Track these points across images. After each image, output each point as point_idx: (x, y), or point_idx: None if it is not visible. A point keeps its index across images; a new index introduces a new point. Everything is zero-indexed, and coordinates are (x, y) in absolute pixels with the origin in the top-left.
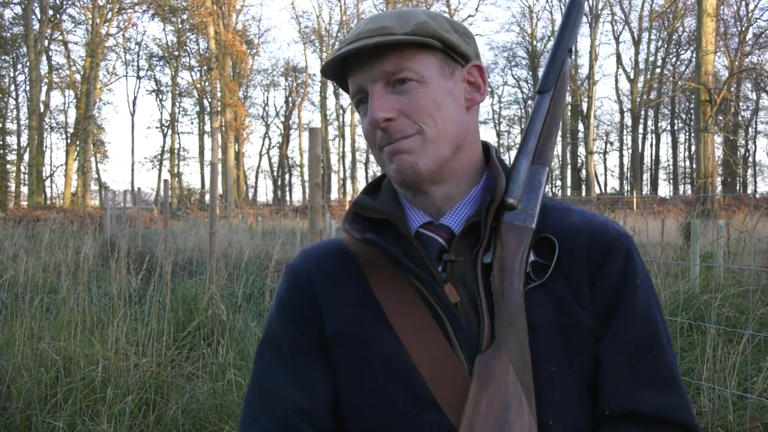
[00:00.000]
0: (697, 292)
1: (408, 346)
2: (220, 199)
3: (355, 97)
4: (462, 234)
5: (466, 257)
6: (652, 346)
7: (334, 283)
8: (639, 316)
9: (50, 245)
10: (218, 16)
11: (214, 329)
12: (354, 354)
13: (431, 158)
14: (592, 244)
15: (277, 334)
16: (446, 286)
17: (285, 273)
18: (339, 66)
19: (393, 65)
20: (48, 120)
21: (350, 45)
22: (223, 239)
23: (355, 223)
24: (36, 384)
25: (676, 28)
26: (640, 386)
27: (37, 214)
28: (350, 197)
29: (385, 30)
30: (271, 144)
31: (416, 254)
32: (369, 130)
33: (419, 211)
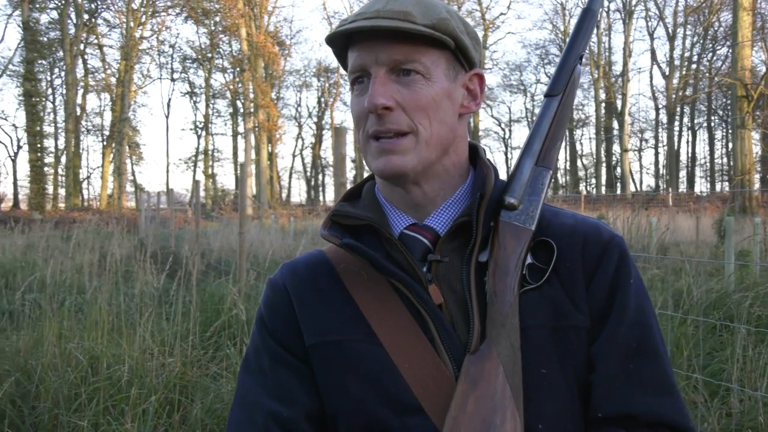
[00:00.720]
0: (731, 291)
1: (390, 351)
2: (254, 200)
3: (352, 74)
4: (449, 234)
5: (453, 257)
6: (646, 348)
7: (312, 293)
8: (632, 318)
9: (84, 246)
10: (250, 17)
11: (239, 329)
12: (335, 362)
13: (418, 159)
14: (586, 246)
15: (258, 348)
16: (430, 287)
17: (266, 287)
18: (345, 36)
19: (403, 54)
20: (84, 123)
21: (367, 20)
22: (255, 240)
23: (334, 230)
24: (63, 383)
25: (712, 23)
26: (633, 388)
27: (74, 215)
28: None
29: (408, 16)
30: (304, 144)
31: (400, 256)
32: (360, 111)
33: (402, 214)
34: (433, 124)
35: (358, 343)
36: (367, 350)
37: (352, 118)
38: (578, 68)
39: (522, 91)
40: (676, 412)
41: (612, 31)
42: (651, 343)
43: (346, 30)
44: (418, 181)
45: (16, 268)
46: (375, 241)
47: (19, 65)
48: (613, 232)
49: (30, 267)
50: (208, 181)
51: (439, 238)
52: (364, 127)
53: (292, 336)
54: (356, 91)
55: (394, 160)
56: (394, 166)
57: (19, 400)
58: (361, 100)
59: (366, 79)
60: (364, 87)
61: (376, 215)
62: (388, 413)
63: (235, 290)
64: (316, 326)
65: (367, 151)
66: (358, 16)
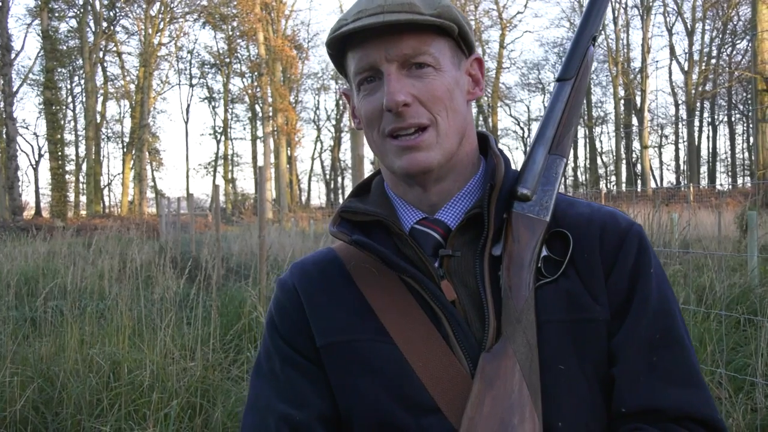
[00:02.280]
0: (755, 285)
1: (404, 350)
2: (274, 204)
3: (360, 74)
4: (460, 228)
5: (465, 251)
6: (669, 339)
7: (323, 293)
8: (654, 308)
9: (105, 252)
10: (267, 21)
11: (259, 332)
12: (347, 362)
13: (443, 153)
14: (604, 236)
15: (269, 350)
16: (443, 283)
17: (276, 289)
18: (342, 38)
19: (411, 47)
20: (104, 130)
21: (374, 17)
22: (275, 243)
23: (343, 227)
24: (85, 389)
25: (731, 16)
26: (658, 381)
27: (95, 222)
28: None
29: (413, 7)
30: (323, 147)
31: (411, 252)
32: (373, 112)
33: (412, 208)
34: (450, 115)
35: (371, 342)
36: (380, 349)
37: (362, 120)
38: (591, 50)
39: (540, 90)
40: (703, 404)
41: (630, 28)
42: (675, 333)
43: (355, 28)
44: (441, 176)
45: (38, 275)
46: (385, 237)
47: (39, 74)
48: (631, 220)
49: (52, 274)
50: (228, 186)
51: (451, 232)
52: (378, 127)
53: (303, 338)
54: (365, 92)
55: (420, 157)
56: (420, 163)
57: (42, 407)
58: (372, 100)
59: (376, 78)
60: (375, 86)
61: (386, 210)
62: (403, 413)
63: (255, 293)
64: (327, 327)
65: (386, 150)
66: (360, 14)
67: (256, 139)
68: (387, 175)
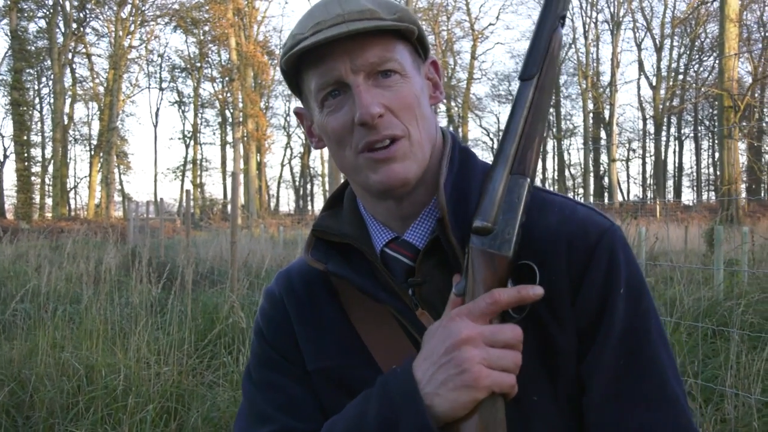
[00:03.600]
0: (721, 299)
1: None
2: (242, 209)
3: (323, 90)
4: (425, 252)
5: (435, 276)
6: (638, 360)
7: (310, 311)
8: (619, 332)
9: (73, 256)
10: (239, 27)
11: (235, 338)
12: (333, 387)
13: (418, 163)
14: (571, 254)
15: (262, 361)
16: (418, 313)
17: (264, 299)
18: (298, 56)
19: (377, 55)
20: (72, 132)
21: (336, 27)
22: (245, 249)
23: (317, 251)
24: (58, 393)
25: (699, 34)
26: (625, 408)
27: (61, 225)
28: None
29: (373, 14)
30: (293, 154)
31: (385, 279)
32: (344, 128)
33: (382, 227)
34: (420, 123)
35: (357, 369)
36: (367, 376)
37: (328, 138)
38: (559, 32)
39: (510, 101)
40: (671, 424)
41: (600, 42)
42: (646, 352)
43: (319, 41)
44: (415, 187)
45: (5, 278)
46: (361, 259)
47: (6, 74)
48: (604, 226)
49: (20, 277)
50: (197, 191)
51: (419, 254)
52: (350, 143)
53: (296, 351)
54: (329, 108)
55: (396, 168)
56: (397, 174)
57: (14, 410)
58: (340, 116)
59: (341, 91)
60: (340, 101)
61: (358, 230)
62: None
63: (233, 298)
64: (314, 349)
65: (359, 167)
66: (319, 26)
67: (225, 144)
68: (358, 191)
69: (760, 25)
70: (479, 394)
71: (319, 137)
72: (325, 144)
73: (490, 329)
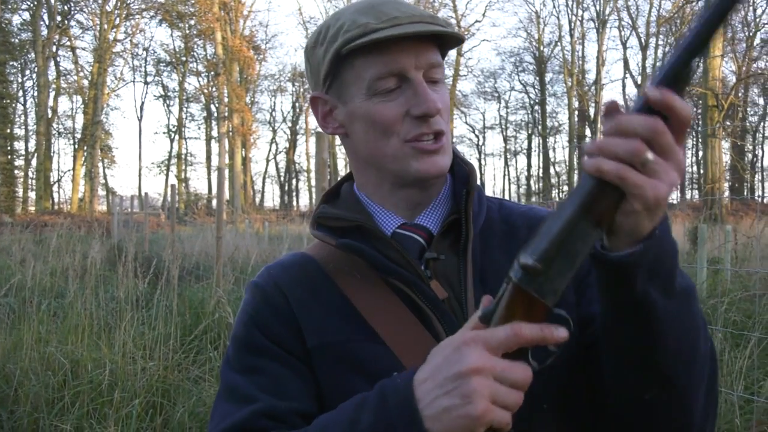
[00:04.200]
0: (704, 297)
1: (395, 350)
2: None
3: (382, 79)
4: (441, 233)
5: (448, 255)
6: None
7: (308, 295)
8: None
9: (57, 250)
10: (225, 21)
11: (220, 333)
12: (340, 363)
13: (449, 159)
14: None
15: (245, 347)
16: (432, 283)
17: (251, 291)
18: (365, 43)
19: (434, 58)
20: (56, 125)
21: (417, 25)
22: (230, 244)
23: (324, 231)
24: (43, 387)
25: (684, 33)
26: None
27: (45, 219)
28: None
29: (437, 20)
30: (278, 149)
31: (396, 255)
32: (395, 117)
33: (391, 213)
34: (449, 125)
35: (362, 343)
36: (372, 350)
37: (372, 124)
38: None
39: (496, 98)
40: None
41: (586, 40)
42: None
43: (405, 33)
44: (441, 179)
45: None
46: (365, 241)
47: None
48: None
49: (4, 271)
50: (181, 186)
51: (433, 237)
52: (397, 132)
53: (292, 335)
54: (383, 96)
55: (440, 161)
56: (439, 166)
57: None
58: (393, 105)
59: (398, 84)
60: (398, 92)
61: (363, 216)
62: None
63: (221, 292)
64: (316, 327)
65: (403, 155)
66: (396, 20)
67: (210, 139)
68: (372, 180)
69: (744, 25)
70: (478, 428)
71: (341, 124)
72: (344, 131)
73: (503, 365)
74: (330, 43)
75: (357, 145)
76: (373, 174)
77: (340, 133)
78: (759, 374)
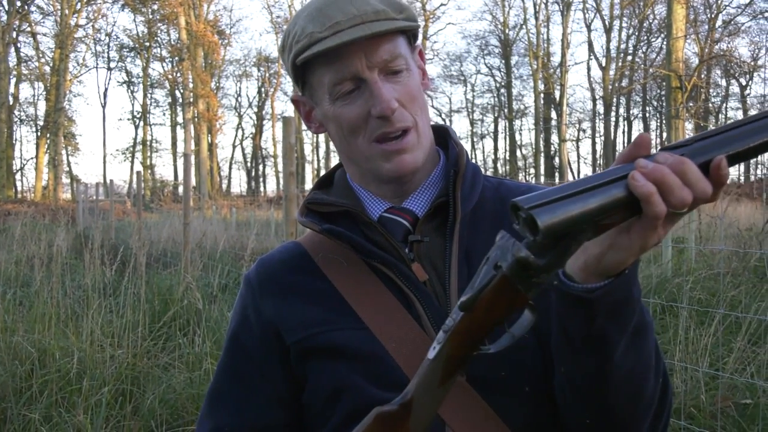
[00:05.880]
0: (669, 276)
1: (377, 333)
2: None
3: (339, 84)
4: (427, 215)
5: (433, 237)
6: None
7: (290, 291)
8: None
9: (22, 239)
10: (189, 6)
11: (189, 319)
12: (321, 352)
13: (423, 151)
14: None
15: (236, 344)
16: (414, 265)
17: (243, 285)
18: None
19: (388, 52)
20: (17, 112)
21: (355, 29)
22: (197, 230)
23: (311, 217)
24: (10, 377)
25: (647, 15)
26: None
27: (8, 207)
28: None
29: (387, 14)
30: (245, 135)
31: (380, 238)
32: (358, 119)
33: (379, 199)
34: (422, 112)
35: (344, 330)
36: (354, 335)
37: (339, 127)
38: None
39: (462, 82)
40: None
41: (550, 23)
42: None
43: (343, 43)
44: (417, 171)
45: None
46: (352, 226)
47: None
48: None
49: None
50: (147, 172)
51: (419, 220)
52: (363, 133)
53: (271, 337)
54: (344, 100)
55: (407, 158)
56: (408, 165)
57: None
58: (355, 107)
59: (354, 86)
60: (357, 94)
61: (352, 201)
62: (382, 393)
63: (191, 279)
64: (297, 322)
65: (372, 156)
66: (337, 26)
67: (176, 125)
68: (358, 173)
69: (706, 7)
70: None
71: (320, 123)
72: (325, 130)
73: None
74: (289, 52)
75: (336, 143)
76: (357, 168)
77: (321, 131)
78: (723, 351)
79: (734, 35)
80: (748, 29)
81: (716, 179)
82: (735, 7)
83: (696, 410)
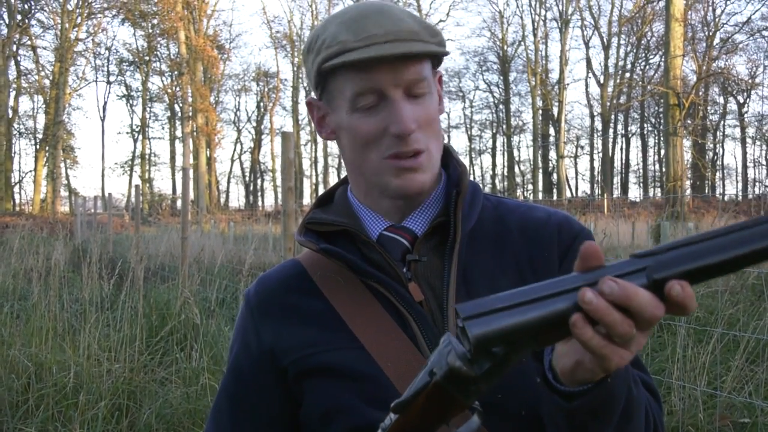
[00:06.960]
0: None
1: (373, 353)
2: (192, 205)
3: (361, 95)
4: (426, 234)
5: (431, 256)
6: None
7: (288, 311)
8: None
9: (20, 251)
10: (189, 20)
11: (187, 334)
12: (317, 372)
13: (432, 174)
14: (561, 233)
15: (234, 366)
16: (410, 285)
17: (243, 304)
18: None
19: (415, 74)
20: (16, 125)
21: (389, 45)
22: (196, 245)
23: (309, 236)
24: (7, 391)
25: (645, 33)
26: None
27: (6, 220)
28: None
29: (419, 35)
30: (243, 149)
31: (378, 257)
32: (375, 133)
33: (379, 217)
34: (436, 138)
35: (340, 350)
36: (349, 355)
37: (354, 138)
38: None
39: (461, 98)
40: (649, 379)
41: (549, 40)
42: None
43: (374, 57)
44: (422, 194)
45: None
46: (350, 245)
47: None
48: (582, 225)
49: None
50: (145, 186)
51: (417, 239)
52: (377, 148)
53: (265, 360)
54: (363, 112)
55: (418, 178)
56: (416, 184)
57: None
58: (373, 121)
59: (381, 102)
60: (377, 109)
61: (351, 220)
62: (376, 413)
63: (188, 293)
64: (294, 343)
65: (382, 170)
66: (370, 39)
67: (174, 139)
68: (362, 187)
69: (704, 25)
70: None
71: (333, 130)
72: (336, 137)
73: None
74: (316, 55)
75: (346, 153)
76: (363, 180)
77: (331, 138)
78: (722, 369)
79: (732, 53)
80: (746, 47)
81: (673, 302)
82: (733, 25)
83: (694, 429)
